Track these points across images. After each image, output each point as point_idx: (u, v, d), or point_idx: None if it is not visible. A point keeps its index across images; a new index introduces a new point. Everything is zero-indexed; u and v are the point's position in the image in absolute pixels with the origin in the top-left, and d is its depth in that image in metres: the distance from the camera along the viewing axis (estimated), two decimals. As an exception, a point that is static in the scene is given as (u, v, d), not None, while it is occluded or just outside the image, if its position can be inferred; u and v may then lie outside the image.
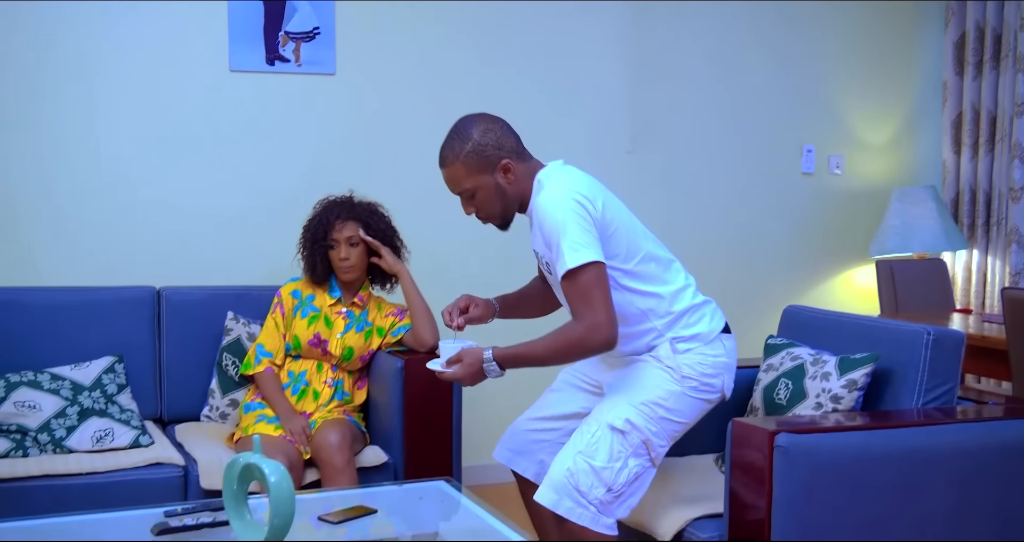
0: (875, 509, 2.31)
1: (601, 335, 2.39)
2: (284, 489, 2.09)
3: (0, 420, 3.08)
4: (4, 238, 3.64)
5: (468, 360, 2.51)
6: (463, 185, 2.54)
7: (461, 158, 2.51)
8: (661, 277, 2.59)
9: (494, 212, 2.59)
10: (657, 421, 2.49)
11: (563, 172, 2.56)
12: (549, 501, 2.42)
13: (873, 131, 4.98)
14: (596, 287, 2.39)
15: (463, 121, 2.57)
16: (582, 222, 2.41)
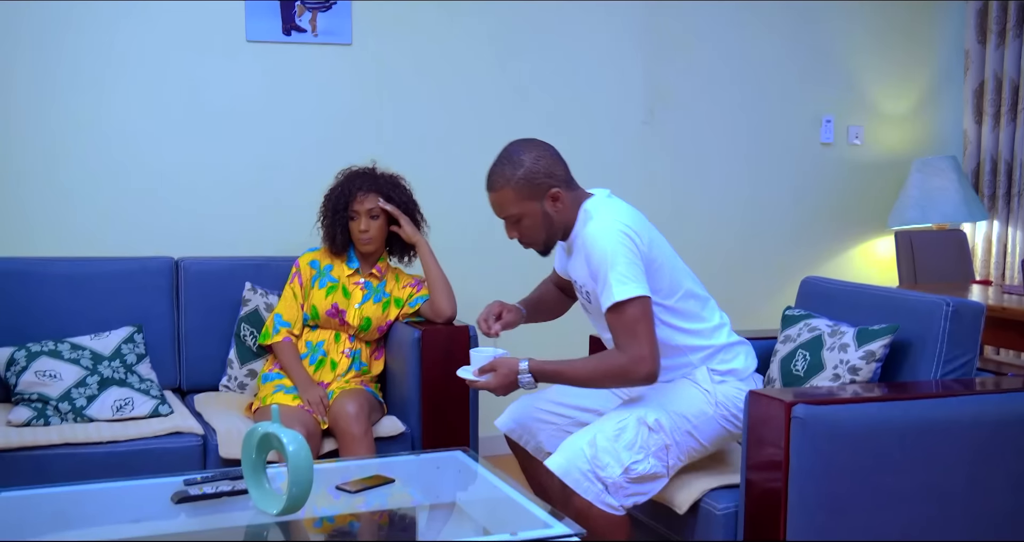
0: (892, 481, 2.31)
1: (644, 369, 2.42)
2: (302, 458, 2.10)
3: (22, 389, 3.11)
4: (24, 209, 3.66)
5: (503, 370, 2.52)
6: (510, 210, 2.55)
7: (512, 184, 2.52)
8: (699, 314, 2.63)
9: (538, 239, 2.61)
10: (682, 434, 2.51)
11: (610, 204, 2.57)
12: (559, 468, 2.42)
13: (893, 101, 4.93)
14: (642, 321, 2.42)
15: (515, 146, 2.57)
16: (630, 255, 2.44)
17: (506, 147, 2.59)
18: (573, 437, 2.50)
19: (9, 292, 3.31)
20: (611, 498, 2.40)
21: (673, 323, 2.58)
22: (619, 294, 2.40)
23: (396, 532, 2.34)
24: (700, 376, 2.60)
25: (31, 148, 3.66)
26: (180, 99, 3.82)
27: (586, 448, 2.42)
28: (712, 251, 4.53)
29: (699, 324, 2.62)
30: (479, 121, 4.21)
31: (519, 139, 2.60)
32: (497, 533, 2.16)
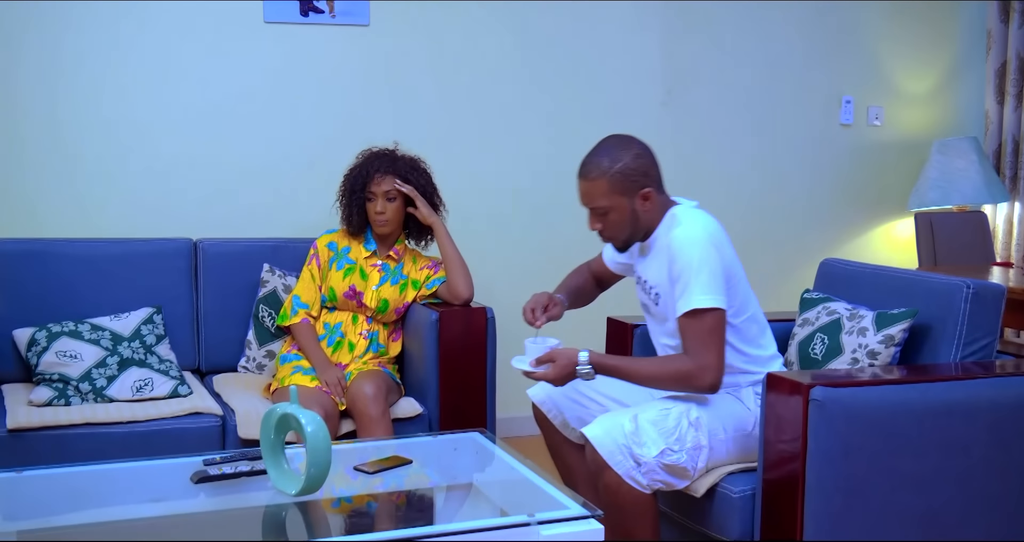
0: (910, 463, 2.30)
1: (709, 378, 2.43)
2: (320, 439, 2.11)
3: (43, 369, 3.14)
4: (45, 190, 3.67)
5: (562, 361, 2.53)
6: (599, 202, 2.55)
7: (608, 176, 2.51)
8: (758, 341, 2.64)
9: (621, 235, 2.61)
10: (717, 441, 2.50)
11: (700, 215, 2.59)
12: (596, 437, 2.41)
13: (914, 81, 4.89)
14: (716, 332, 2.44)
15: (616, 140, 2.58)
16: (716, 268, 2.46)
17: (607, 139, 2.59)
18: (613, 413, 2.50)
19: (30, 273, 3.33)
20: (640, 477, 2.41)
21: (733, 343, 2.58)
22: (700, 302, 2.42)
23: (413, 513, 2.35)
24: (745, 395, 2.61)
25: (50, 131, 3.67)
26: (198, 81, 3.82)
27: (627, 423, 2.42)
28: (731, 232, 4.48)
29: (756, 350, 2.63)
30: (496, 102, 4.20)
31: (618, 134, 2.60)
32: (514, 514, 2.17)
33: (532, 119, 4.26)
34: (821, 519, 2.24)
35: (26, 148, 3.64)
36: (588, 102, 4.33)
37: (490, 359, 3.31)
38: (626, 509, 2.43)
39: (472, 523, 2.08)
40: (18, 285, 3.31)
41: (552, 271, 4.26)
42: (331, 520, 2.26)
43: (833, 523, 2.25)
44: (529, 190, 4.28)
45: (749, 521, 2.44)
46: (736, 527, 2.45)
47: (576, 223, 4.28)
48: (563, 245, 4.31)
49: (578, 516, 2.09)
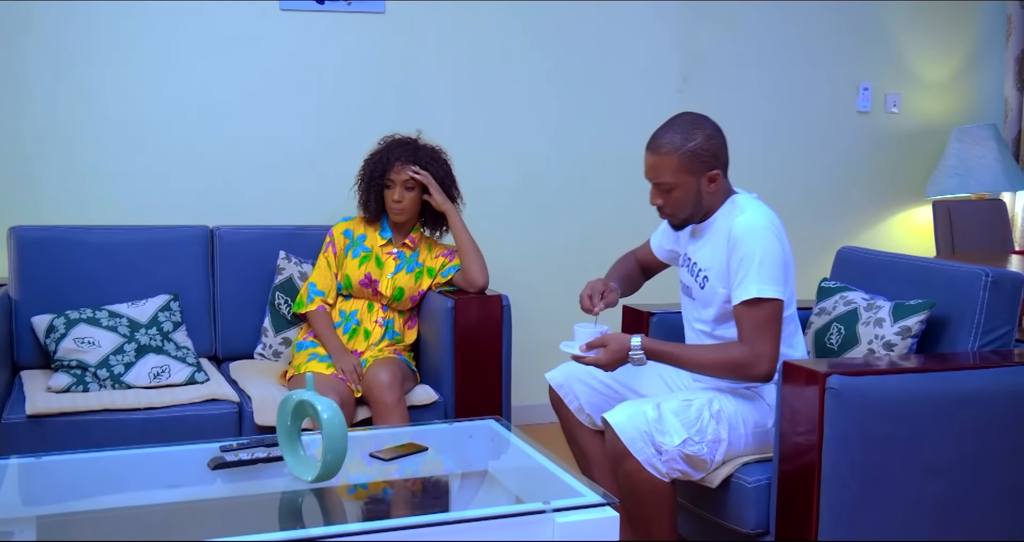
0: (928, 453, 2.29)
1: (764, 367, 2.44)
2: (336, 426, 2.12)
3: (61, 356, 3.15)
4: (63, 177, 3.69)
5: (614, 346, 2.52)
6: (665, 178, 2.54)
7: (679, 152, 2.51)
8: (790, 341, 2.63)
9: (682, 213, 2.60)
10: (736, 435, 2.50)
11: (764, 206, 2.59)
12: (618, 424, 2.40)
13: (932, 68, 4.85)
14: (774, 322, 2.45)
15: (691, 117, 2.57)
16: (778, 259, 2.47)
17: (681, 115, 2.58)
18: (635, 401, 2.50)
19: (48, 260, 3.34)
20: (660, 465, 2.41)
21: None
22: (762, 291, 2.43)
23: (429, 500, 2.36)
24: (767, 391, 2.60)
25: (68, 119, 3.68)
26: (213, 68, 3.83)
27: (650, 411, 2.41)
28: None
29: (788, 350, 2.62)
30: (511, 89, 4.19)
31: (693, 112, 2.59)
32: (530, 502, 2.17)
33: (547, 107, 4.25)
34: (837, 508, 2.24)
35: (44, 136, 3.66)
36: (604, 90, 4.31)
37: (505, 347, 3.32)
38: (645, 497, 2.43)
39: (487, 510, 2.08)
40: (37, 272, 3.33)
41: (567, 259, 4.28)
42: (347, 506, 2.27)
43: (849, 512, 2.24)
44: (544, 178, 4.28)
45: (764, 511, 2.44)
46: (751, 517, 2.44)
47: (591, 210, 4.30)
48: (578, 233, 4.31)
49: (594, 504, 2.09)
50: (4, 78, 3.60)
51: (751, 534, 2.46)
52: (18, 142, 3.63)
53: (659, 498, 2.44)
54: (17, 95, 3.62)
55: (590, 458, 2.76)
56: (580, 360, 2.57)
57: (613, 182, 4.28)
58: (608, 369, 2.55)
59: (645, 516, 2.46)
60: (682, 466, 2.43)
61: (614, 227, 4.29)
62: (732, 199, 2.60)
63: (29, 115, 3.64)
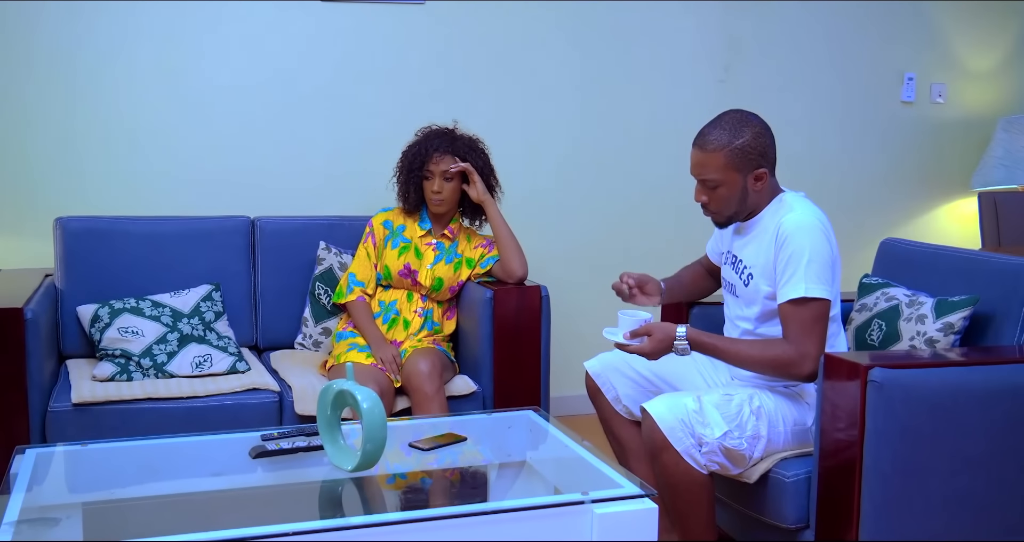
0: (972, 448, 2.27)
1: (808, 367, 2.42)
2: (376, 415, 2.13)
3: (105, 345, 3.20)
4: (108, 168, 3.73)
5: (659, 335, 2.51)
6: (711, 174, 2.53)
7: (727, 149, 2.50)
8: (832, 340, 2.61)
9: (727, 211, 2.59)
10: (776, 433, 2.49)
11: (812, 205, 2.57)
12: (659, 414, 2.39)
13: (978, 57, 4.78)
14: (820, 322, 2.44)
15: (739, 114, 2.55)
16: (828, 260, 2.46)
17: (730, 112, 2.57)
18: (675, 393, 2.50)
19: (93, 250, 3.39)
20: (700, 456, 2.40)
21: None
22: (811, 290, 2.42)
23: (467, 490, 2.37)
24: (807, 390, 2.59)
25: (110, 110, 3.72)
26: (256, 59, 3.85)
27: (691, 403, 2.41)
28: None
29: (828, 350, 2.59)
30: (550, 80, 4.18)
31: (741, 109, 2.57)
32: (568, 492, 2.17)
33: (587, 97, 4.24)
34: (878, 502, 2.22)
35: (87, 128, 3.70)
36: (645, 80, 4.29)
37: (544, 337, 3.31)
38: (683, 488, 2.42)
39: (526, 501, 2.09)
40: (82, 262, 3.37)
41: (606, 249, 4.27)
42: (386, 496, 2.28)
43: (890, 506, 2.22)
44: (584, 168, 4.26)
45: (804, 505, 2.42)
46: (791, 512, 2.43)
47: (631, 201, 4.29)
48: (617, 224, 4.30)
49: (632, 495, 2.09)
50: (51, 70, 3.64)
51: (791, 529, 2.45)
52: (65, 134, 3.68)
53: (697, 490, 2.43)
54: (63, 87, 3.66)
55: (627, 448, 2.76)
56: (624, 348, 2.55)
57: (653, 172, 4.26)
58: (652, 358, 2.54)
59: (683, 508, 2.46)
60: (721, 459, 2.42)
61: (654, 218, 4.27)
62: (780, 197, 2.59)
63: (75, 107, 3.68)
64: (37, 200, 3.66)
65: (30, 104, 3.64)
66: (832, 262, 2.49)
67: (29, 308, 2.90)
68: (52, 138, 3.67)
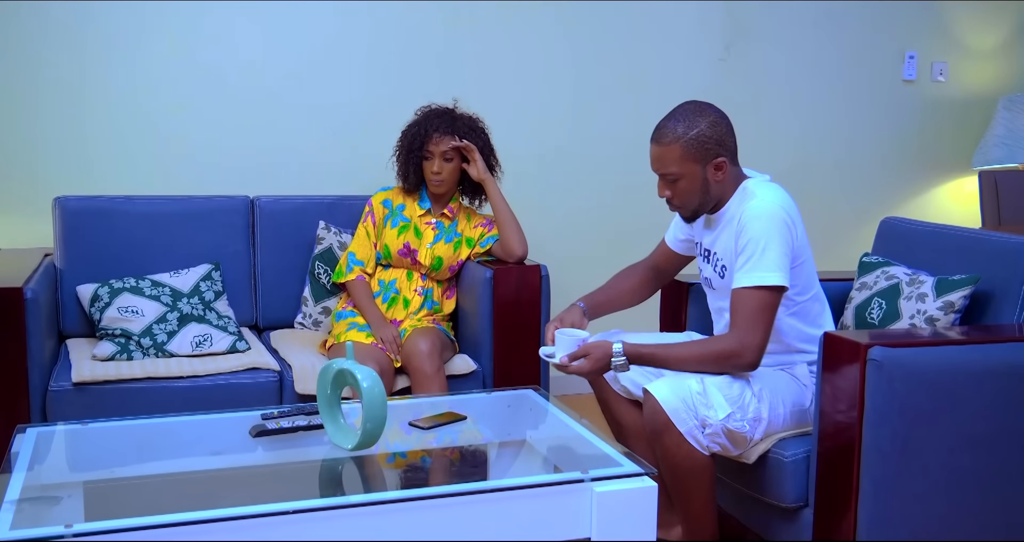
0: (970, 425, 2.27)
1: (750, 356, 2.41)
2: (376, 394, 2.13)
3: (105, 325, 3.20)
4: (107, 148, 3.72)
5: (596, 354, 2.50)
6: (670, 168, 2.51)
7: (682, 142, 2.48)
8: (817, 322, 2.61)
9: (691, 204, 2.57)
10: (775, 415, 2.48)
11: (774, 189, 2.54)
12: (662, 395, 2.39)
13: (980, 36, 4.76)
14: (769, 310, 2.42)
15: (693, 105, 2.53)
16: (786, 244, 2.43)
17: (683, 104, 2.54)
18: (677, 375, 2.49)
19: (92, 230, 3.38)
20: (702, 437, 2.40)
21: (794, 323, 2.58)
22: (764, 279, 2.40)
23: (467, 468, 2.37)
24: (800, 371, 2.59)
25: (110, 90, 3.71)
26: (254, 37, 3.83)
27: (695, 384, 2.41)
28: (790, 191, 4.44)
29: (814, 330, 2.61)
30: (549, 58, 4.17)
31: (696, 100, 2.55)
32: (568, 471, 2.18)
33: (585, 75, 4.22)
34: (877, 480, 2.22)
35: (86, 107, 3.69)
36: (644, 59, 4.28)
37: (544, 317, 3.32)
38: (685, 469, 2.43)
39: (526, 479, 2.09)
40: (81, 242, 3.37)
41: (606, 228, 4.26)
42: (386, 474, 2.28)
43: (889, 484, 2.23)
44: (582, 147, 4.26)
45: (803, 484, 2.43)
46: (790, 491, 2.43)
47: (630, 179, 4.27)
48: (617, 203, 4.29)
49: (632, 473, 2.09)
50: (52, 51, 3.62)
51: (791, 508, 2.45)
52: (63, 114, 3.67)
53: (699, 471, 2.43)
54: (63, 68, 3.64)
55: (625, 429, 2.76)
56: (565, 370, 2.54)
57: (653, 152, 4.25)
58: (591, 377, 2.55)
59: (685, 489, 2.46)
60: (723, 440, 2.42)
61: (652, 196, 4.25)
62: (743, 185, 2.55)
63: (74, 87, 3.67)
64: (36, 180, 3.65)
65: (29, 84, 3.62)
66: (793, 247, 2.46)
67: (29, 287, 2.90)
68: (51, 118, 3.66)
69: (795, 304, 2.56)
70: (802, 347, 2.61)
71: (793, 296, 2.53)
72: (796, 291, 2.53)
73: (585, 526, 2.06)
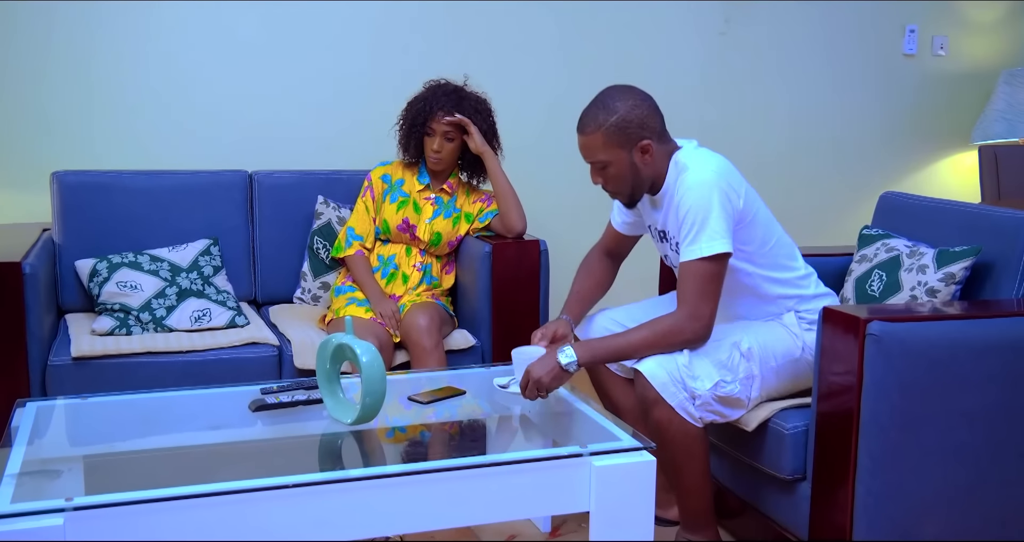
0: (969, 400, 2.27)
1: (699, 326, 2.41)
2: (375, 369, 2.13)
3: (104, 299, 3.20)
4: (104, 123, 3.71)
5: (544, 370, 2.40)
6: (597, 156, 2.50)
7: (602, 130, 2.45)
8: (788, 264, 2.61)
9: (624, 189, 2.56)
10: (768, 369, 2.49)
11: (701, 155, 2.51)
12: (650, 371, 2.40)
13: (981, 9, 4.73)
14: (716, 280, 2.42)
15: (611, 91, 2.50)
16: (723, 211, 2.41)
17: (602, 91, 2.52)
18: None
19: (90, 204, 3.38)
20: (693, 410, 2.41)
21: (765, 274, 2.57)
22: (707, 249, 2.39)
23: (466, 443, 2.38)
24: (789, 320, 2.59)
25: (108, 64, 3.69)
26: (253, 12, 3.81)
27: (680, 357, 2.42)
28: (789, 165, 4.44)
29: (788, 274, 2.61)
30: (549, 30, 4.14)
31: (617, 85, 2.52)
32: (566, 445, 2.18)
33: (584, 48, 4.20)
34: (875, 454, 2.23)
35: (84, 83, 3.67)
36: (644, 32, 4.25)
37: (543, 291, 3.32)
38: (677, 443, 2.44)
39: (525, 453, 2.10)
40: (79, 217, 3.36)
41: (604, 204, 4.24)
42: (385, 449, 2.29)
43: (887, 458, 2.23)
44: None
45: (802, 457, 2.44)
46: (788, 462, 2.44)
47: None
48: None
49: (630, 448, 2.10)
50: (52, 27, 3.60)
51: (787, 479, 2.46)
52: (61, 89, 3.65)
53: (691, 443, 2.44)
54: (61, 44, 3.62)
55: (620, 407, 2.76)
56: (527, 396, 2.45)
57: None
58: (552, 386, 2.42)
59: (678, 463, 2.47)
60: (717, 407, 2.43)
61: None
62: (674, 159, 2.52)
63: (71, 62, 3.65)
64: (33, 154, 3.64)
65: (26, 59, 3.60)
66: (734, 210, 2.43)
67: (27, 262, 2.90)
68: (49, 93, 3.64)
69: (761, 254, 2.55)
70: (780, 292, 2.60)
71: (753, 250, 2.52)
72: (755, 246, 2.52)
73: (584, 500, 2.07)
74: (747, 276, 2.55)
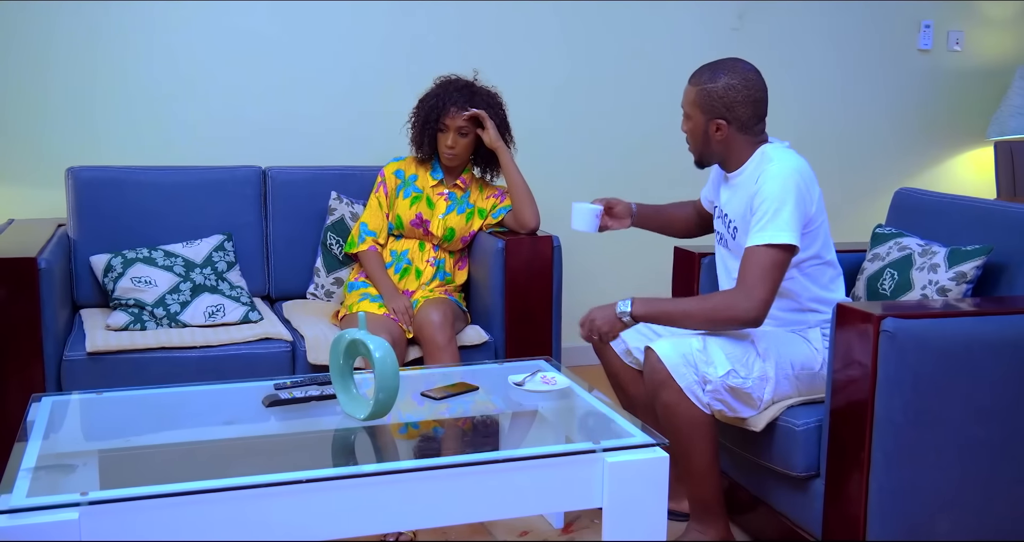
0: (982, 397, 2.26)
1: (755, 311, 2.42)
2: (389, 365, 2.14)
3: (119, 295, 3.21)
4: (119, 118, 3.72)
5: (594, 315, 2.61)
6: (685, 107, 2.63)
7: (698, 87, 2.58)
8: (830, 286, 2.64)
9: (693, 146, 2.67)
10: (783, 376, 2.50)
11: (791, 155, 2.57)
12: (664, 351, 2.42)
13: (997, 4, 4.70)
14: (779, 269, 2.44)
15: (730, 63, 2.58)
16: (800, 207, 2.46)
17: (728, 59, 2.61)
18: (682, 334, 2.51)
19: (105, 200, 3.39)
20: (703, 394, 2.41)
21: (808, 284, 2.60)
22: (776, 237, 2.41)
23: (479, 439, 2.38)
24: (813, 335, 2.60)
25: (122, 60, 3.70)
26: (267, 8, 3.81)
27: (695, 341, 2.43)
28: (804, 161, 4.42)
29: (828, 294, 2.62)
30: (560, 26, 4.14)
31: (742, 61, 2.60)
32: (579, 441, 2.18)
33: (596, 44, 4.20)
34: (889, 451, 2.22)
35: (98, 78, 3.68)
36: (655, 27, 4.24)
37: (556, 287, 3.32)
38: (683, 427, 2.44)
39: (538, 450, 2.10)
40: (94, 212, 3.38)
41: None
42: (399, 444, 2.29)
43: (901, 455, 2.23)
44: (595, 117, 4.23)
45: (814, 454, 2.43)
46: (800, 460, 2.44)
47: (643, 150, 4.26)
48: (630, 173, 4.27)
49: (643, 444, 2.10)
50: (64, 21, 3.61)
51: (800, 477, 2.46)
52: (76, 84, 3.66)
53: (698, 428, 2.44)
54: (75, 38, 3.63)
55: (634, 401, 2.77)
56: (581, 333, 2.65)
57: (664, 119, 4.21)
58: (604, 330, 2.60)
59: (684, 447, 2.46)
60: (727, 397, 2.43)
61: (666, 167, 4.24)
62: (762, 150, 2.59)
63: (87, 57, 3.66)
64: (49, 150, 3.66)
65: (41, 55, 3.62)
66: (807, 212, 2.49)
67: (43, 258, 2.91)
68: (63, 89, 3.66)
69: (810, 265, 2.57)
70: (814, 307, 2.62)
71: (808, 259, 2.55)
72: (811, 254, 2.55)
73: (597, 496, 2.06)
74: (791, 280, 2.56)
